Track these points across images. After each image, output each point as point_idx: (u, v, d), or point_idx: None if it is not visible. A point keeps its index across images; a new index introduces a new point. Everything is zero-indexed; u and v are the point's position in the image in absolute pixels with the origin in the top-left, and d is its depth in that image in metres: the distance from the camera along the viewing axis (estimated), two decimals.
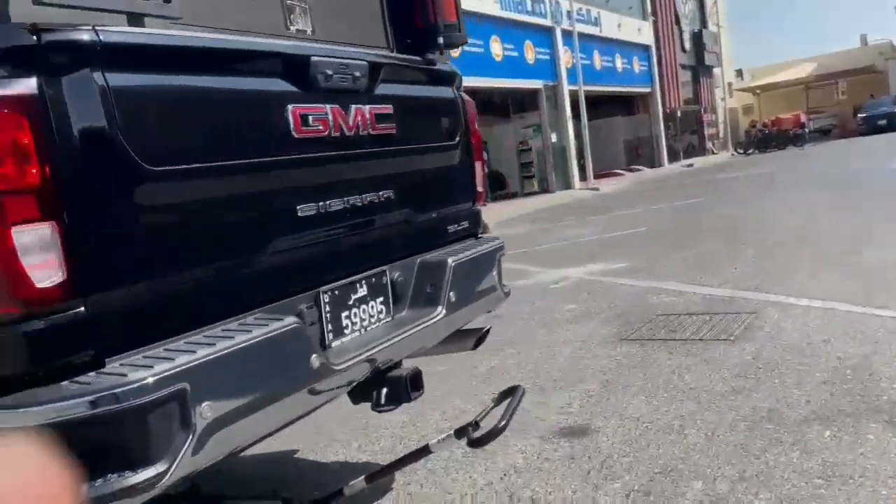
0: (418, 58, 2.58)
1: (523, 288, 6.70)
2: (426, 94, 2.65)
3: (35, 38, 1.43)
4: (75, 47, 1.48)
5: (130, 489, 1.46)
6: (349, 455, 3.32)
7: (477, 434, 2.20)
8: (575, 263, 7.95)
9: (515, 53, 19.66)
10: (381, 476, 2.53)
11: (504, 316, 5.57)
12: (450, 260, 2.48)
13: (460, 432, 2.22)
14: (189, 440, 1.52)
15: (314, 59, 2.00)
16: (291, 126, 1.93)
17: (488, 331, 2.81)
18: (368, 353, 2.11)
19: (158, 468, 1.48)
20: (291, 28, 2.14)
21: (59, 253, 1.44)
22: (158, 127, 1.62)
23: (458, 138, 2.74)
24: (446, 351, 2.82)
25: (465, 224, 2.83)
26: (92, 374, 1.48)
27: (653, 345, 4.41)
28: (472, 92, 18.51)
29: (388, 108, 2.30)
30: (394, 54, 2.53)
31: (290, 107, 1.93)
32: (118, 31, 1.58)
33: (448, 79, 2.74)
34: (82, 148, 1.48)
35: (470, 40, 16.71)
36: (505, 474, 2.88)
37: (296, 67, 1.97)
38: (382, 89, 2.29)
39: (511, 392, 2.38)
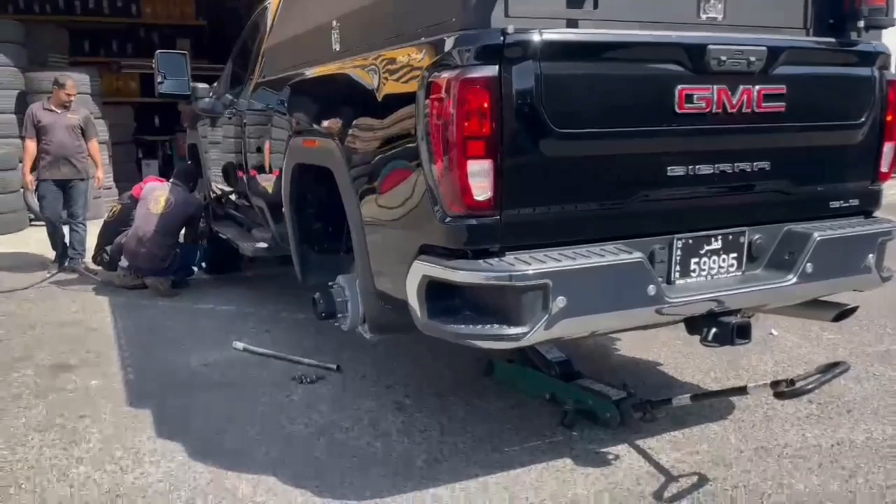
0: (832, 39, 2.68)
1: None
2: (833, 74, 2.75)
3: (502, 38, 2.20)
4: (525, 44, 2.22)
5: (503, 336, 2.28)
6: (699, 380, 3.75)
7: (786, 389, 2.46)
8: None
9: None
10: (703, 398, 2.97)
11: None
12: (816, 234, 2.67)
13: (775, 384, 2.51)
14: (545, 318, 2.26)
15: (710, 46, 2.40)
16: (676, 103, 2.40)
17: (853, 308, 2.89)
18: (706, 296, 2.55)
19: (522, 329, 2.27)
20: (702, 16, 2.53)
21: (490, 180, 2.26)
22: (567, 100, 2.29)
23: (864, 118, 2.78)
24: (803, 316, 3.02)
25: (855, 202, 2.89)
26: (495, 259, 2.31)
27: None
28: None
29: (780, 89, 2.55)
30: (800, 38, 2.68)
31: (678, 87, 2.40)
32: (555, 32, 2.26)
33: (867, 59, 2.76)
34: (517, 113, 2.25)
35: None
36: (837, 444, 3.00)
37: (690, 54, 2.40)
38: (780, 70, 2.54)
39: (835, 365, 2.54)
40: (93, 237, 6.42)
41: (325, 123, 3.14)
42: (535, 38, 2.22)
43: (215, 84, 5.95)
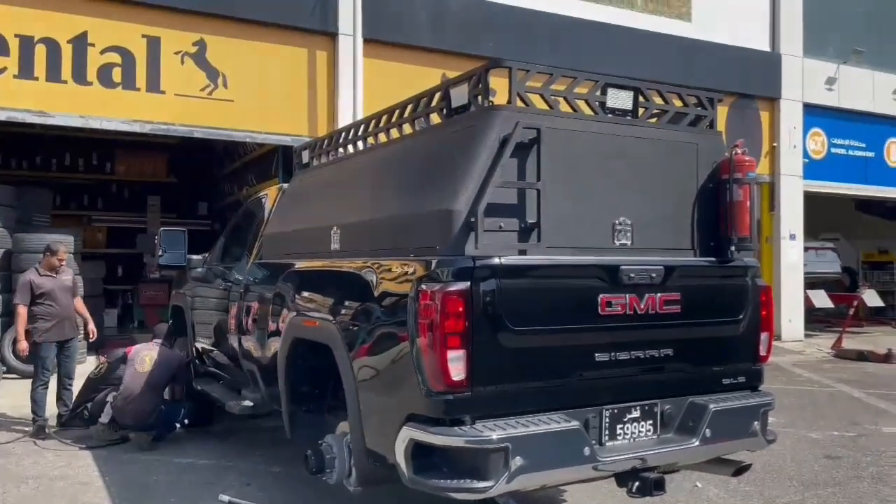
0: (713, 258, 3.64)
1: (883, 438, 6.62)
2: (716, 283, 3.69)
3: (472, 262, 3.05)
4: (489, 267, 3.06)
5: (473, 489, 2.94)
6: None
7: None
8: None
9: None
10: None
11: (841, 458, 5.84)
12: (712, 405, 3.47)
13: None
14: (506, 474, 2.93)
15: (622, 266, 3.30)
16: (599, 307, 3.25)
17: (748, 465, 3.65)
18: (630, 455, 3.27)
19: (488, 483, 2.93)
20: (616, 243, 3.45)
21: (465, 364, 3.01)
22: (520, 306, 3.12)
23: (743, 315, 3.69)
24: (709, 470, 3.74)
25: (742, 379, 3.73)
26: (468, 427, 3.01)
27: None
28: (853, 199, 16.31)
29: (676, 296, 3.45)
30: (689, 258, 3.63)
31: (600, 295, 3.26)
32: (510, 258, 3.12)
33: (741, 272, 3.72)
34: (483, 316, 3.04)
35: (860, 144, 15.00)
36: None
37: (608, 272, 3.29)
38: (673, 282, 3.45)
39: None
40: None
41: (326, 308, 3.89)
42: (496, 262, 3.08)
43: (206, 255, 6.71)
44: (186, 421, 6.42)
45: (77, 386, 6.80)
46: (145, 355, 6.30)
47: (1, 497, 4.84)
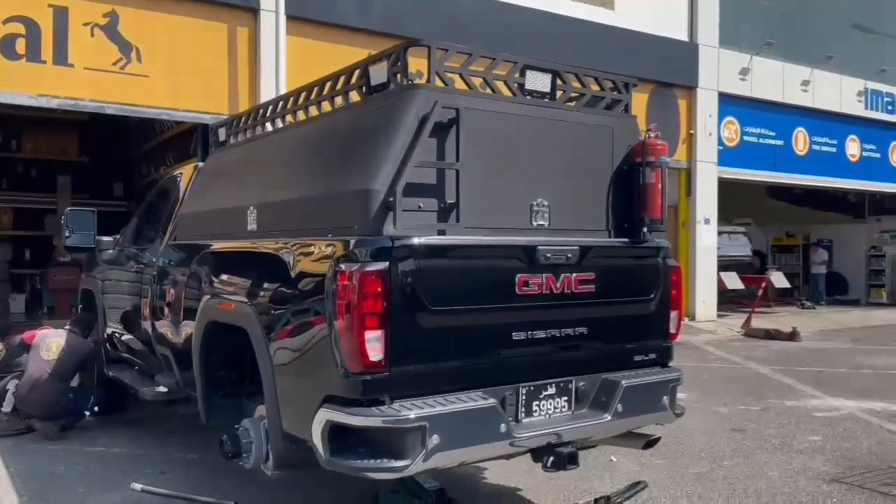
0: (627, 239, 3.74)
1: (785, 411, 7.00)
2: (629, 264, 3.79)
3: (391, 242, 3.02)
4: (408, 247, 3.05)
5: (390, 468, 2.95)
6: (552, 501, 4.48)
7: None
8: (860, 397, 7.79)
9: (877, 155, 18.24)
10: None
11: (747, 431, 6.15)
12: (623, 381, 3.57)
13: (597, 501, 3.30)
14: (423, 452, 2.94)
15: (539, 247, 3.35)
16: (516, 287, 3.29)
17: (657, 439, 3.79)
18: (545, 431, 3.34)
19: (405, 462, 2.94)
20: (534, 224, 3.50)
21: (382, 345, 2.99)
22: (438, 285, 3.12)
23: (654, 294, 3.81)
24: (621, 444, 3.87)
25: (653, 356, 3.86)
26: (385, 406, 3.00)
27: (863, 493, 4.69)
28: (818, 192, 17.75)
29: (590, 275, 3.52)
30: (604, 239, 3.72)
31: (518, 275, 3.30)
32: (428, 238, 3.12)
33: (653, 252, 3.83)
34: (401, 295, 3.03)
35: (823, 140, 16.34)
36: None
37: (526, 252, 3.33)
38: (588, 262, 3.52)
39: (637, 484, 3.37)
40: None
41: (242, 290, 3.79)
42: (415, 242, 3.06)
43: (118, 236, 6.44)
44: (96, 409, 6.17)
45: None
46: (52, 342, 6.01)
47: None
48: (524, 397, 3.37)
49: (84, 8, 8.67)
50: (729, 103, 14.60)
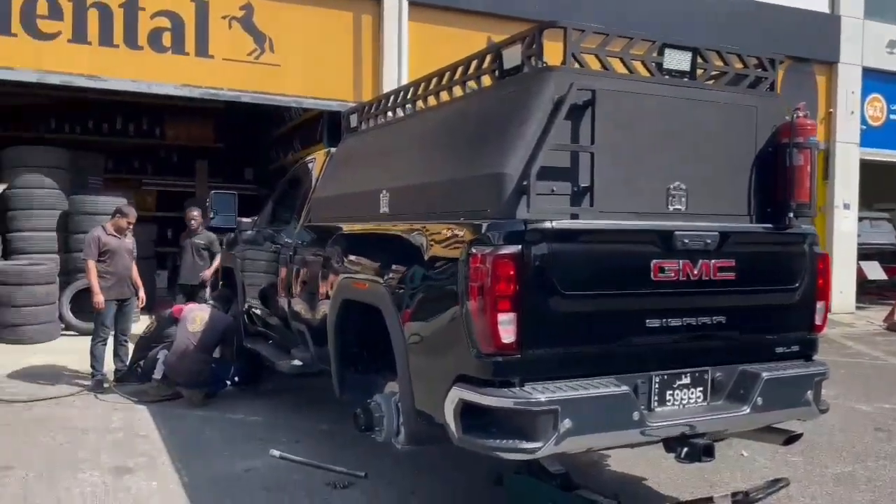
0: (770, 225, 3.55)
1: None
2: (773, 250, 3.60)
3: (524, 226, 3.03)
4: (541, 231, 3.04)
5: (522, 449, 2.97)
6: (678, 493, 4.36)
7: (742, 499, 3.13)
8: None
9: None
10: None
11: (892, 431, 5.73)
12: (764, 374, 3.41)
13: (734, 495, 3.19)
14: (554, 436, 2.95)
15: (676, 232, 3.24)
16: (651, 273, 3.21)
17: (799, 435, 3.60)
18: (678, 421, 3.26)
19: (537, 444, 2.96)
20: (670, 208, 3.39)
21: (514, 328, 3.01)
22: (572, 270, 3.10)
23: (799, 283, 3.61)
24: (759, 439, 3.71)
25: (796, 348, 3.66)
26: (517, 389, 3.03)
27: None
28: None
29: (730, 262, 3.38)
30: (745, 224, 3.54)
31: (653, 261, 3.22)
32: (562, 222, 3.10)
33: (799, 239, 3.62)
34: (534, 279, 3.04)
35: None
36: None
37: (662, 237, 3.24)
38: (728, 249, 3.38)
39: (778, 481, 3.22)
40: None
41: (376, 270, 3.93)
42: (548, 226, 3.05)
43: (256, 218, 6.82)
44: (236, 379, 6.61)
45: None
46: (196, 315, 6.48)
47: (67, 446, 5.07)
48: (657, 386, 3.30)
49: (223, 1, 9.20)
50: (874, 79, 13.46)
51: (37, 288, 8.57)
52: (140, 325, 7.88)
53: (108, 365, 6.97)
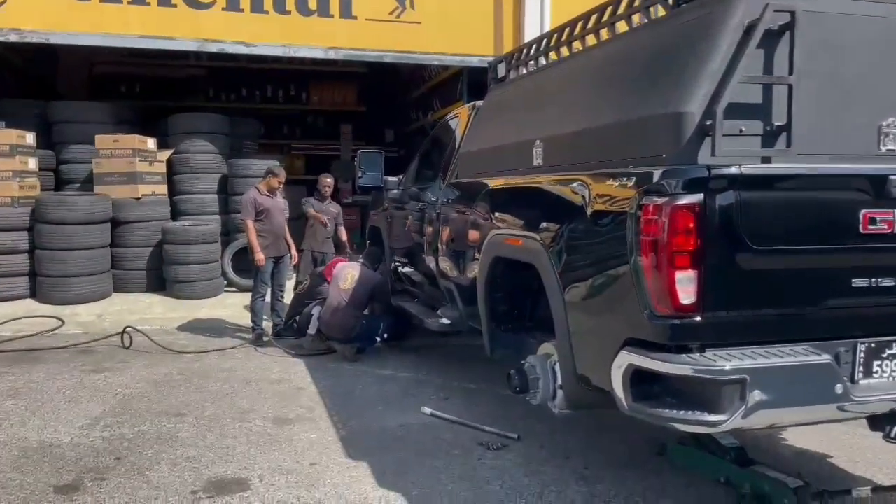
0: None
1: None
2: None
3: (707, 172, 2.68)
4: (727, 177, 2.68)
5: (704, 422, 2.67)
6: (872, 474, 3.87)
7: None
8: None
9: None
10: (887, 492, 3.15)
11: None
12: None
13: None
14: (742, 409, 2.62)
15: (891, 177, 2.75)
16: (860, 224, 2.76)
17: None
18: (889, 396, 2.81)
19: (722, 417, 2.64)
20: (882, 149, 2.88)
21: (694, 287, 2.69)
22: (763, 222, 2.71)
23: None
24: None
25: None
26: (697, 355, 2.72)
27: None
28: None
29: None
30: None
31: (862, 211, 2.76)
32: (752, 167, 2.70)
33: None
34: (718, 233, 2.69)
35: None
36: None
37: (873, 183, 2.76)
38: None
39: None
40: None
41: (531, 226, 3.71)
42: (735, 171, 2.68)
43: (402, 177, 6.79)
44: (386, 335, 6.69)
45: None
46: (348, 273, 6.59)
47: (233, 396, 5.34)
48: (863, 355, 2.86)
49: None
50: None
51: (202, 247, 9.13)
52: (292, 281, 8.20)
53: (267, 321, 7.31)
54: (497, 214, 4.23)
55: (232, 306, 8.78)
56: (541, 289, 3.60)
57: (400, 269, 6.61)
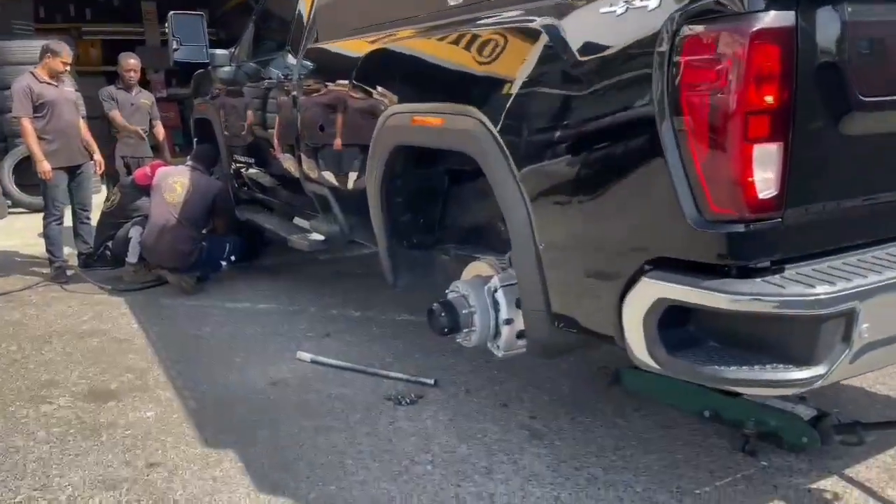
0: None
1: None
2: None
3: None
4: None
5: (789, 382, 1.71)
6: None
7: None
8: None
9: None
10: None
11: None
12: None
13: None
14: (847, 353, 1.69)
15: None
16: None
17: None
18: None
19: (817, 370, 1.69)
20: None
21: (778, 170, 1.66)
22: (881, 58, 1.70)
23: None
24: None
25: None
26: (776, 277, 1.72)
27: None
28: None
29: None
30: None
31: None
32: None
33: None
34: (814, 78, 1.64)
35: None
36: None
37: None
38: None
39: None
40: None
41: (459, 95, 2.49)
42: None
43: (233, 49, 5.18)
44: (233, 258, 5.27)
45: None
46: (175, 182, 5.02)
47: (21, 363, 3.79)
48: None
49: None
50: None
51: None
52: (100, 196, 6.41)
53: (70, 248, 5.59)
54: (395, 86, 2.95)
55: (21, 233, 6.86)
56: (461, 186, 2.47)
57: (243, 171, 5.14)
